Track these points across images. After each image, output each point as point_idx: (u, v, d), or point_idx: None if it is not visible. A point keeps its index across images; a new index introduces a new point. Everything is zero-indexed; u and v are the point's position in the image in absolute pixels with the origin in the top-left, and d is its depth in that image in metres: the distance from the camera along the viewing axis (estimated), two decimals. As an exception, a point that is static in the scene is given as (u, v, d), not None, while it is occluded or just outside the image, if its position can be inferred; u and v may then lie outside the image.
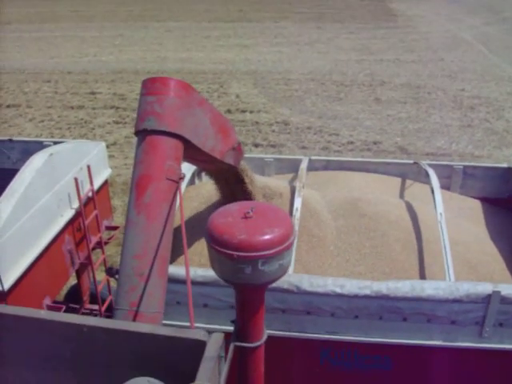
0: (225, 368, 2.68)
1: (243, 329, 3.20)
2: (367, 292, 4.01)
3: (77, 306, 6.30)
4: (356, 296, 4.02)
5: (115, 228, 6.73)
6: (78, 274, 6.27)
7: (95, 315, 6.29)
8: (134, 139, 3.62)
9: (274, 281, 3.03)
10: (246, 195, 5.05)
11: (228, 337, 2.71)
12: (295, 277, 4.09)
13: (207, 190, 5.75)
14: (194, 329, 2.64)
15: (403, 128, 14.13)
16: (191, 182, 6.17)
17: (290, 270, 4.23)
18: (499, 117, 14.93)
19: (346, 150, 12.87)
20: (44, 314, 2.69)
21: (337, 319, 4.13)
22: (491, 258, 5.02)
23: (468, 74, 19.36)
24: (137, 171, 3.38)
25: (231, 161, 4.40)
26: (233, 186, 4.97)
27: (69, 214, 5.59)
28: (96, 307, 6.24)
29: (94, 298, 6.32)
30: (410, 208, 5.34)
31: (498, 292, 3.93)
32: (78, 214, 5.65)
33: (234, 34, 28.14)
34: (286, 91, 17.67)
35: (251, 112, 15.67)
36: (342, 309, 4.09)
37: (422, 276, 4.63)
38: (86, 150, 6.04)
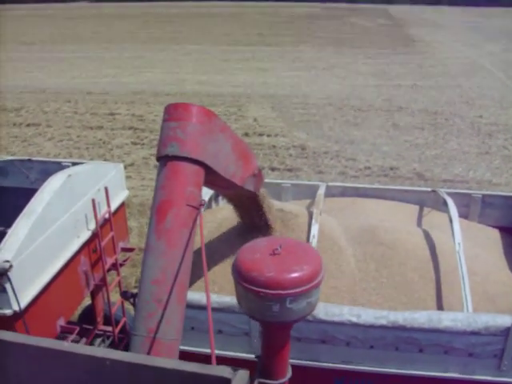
0: None
1: (267, 365, 3.15)
2: (383, 322, 3.97)
3: (90, 327, 6.29)
4: (372, 326, 3.98)
5: (131, 250, 6.73)
6: (93, 295, 6.28)
7: (108, 337, 6.29)
8: (152, 160, 3.63)
9: (301, 318, 2.98)
10: (264, 221, 5.05)
11: (252, 372, 2.65)
12: (311, 305, 4.05)
13: (223, 214, 5.76)
14: (218, 365, 2.58)
15: (420, 154, 14.07)
16: (208, 205, 6.17)
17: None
18: (517, 144, 14.83)
19: (363, 175, 12.82)
20: (67, 346, 2.64)
21: (352, 349, 4.08)
22: (510, 288, 4.95)
23: (486, 100, 19.31)
24: (158, 196, 3.37)
25: (251, 187, 4.39)
26: (252, 212, 4.97)
27: (85, 235, 5.61)
28: (110, 329, 6.22)
29: (107, 320, 6.32)
30: (427, 237, 5.29)
31: (518, 325, 3.87)
32: (95, 236, 5.67)
33: (252, 58, 28.40)
34: (304, 115, 17.73)
35: (268, 136, 15.71)
36: (358, 338, 4.04)
37: (440, 307, 4.58)
38: (104, 172, 6.08)
